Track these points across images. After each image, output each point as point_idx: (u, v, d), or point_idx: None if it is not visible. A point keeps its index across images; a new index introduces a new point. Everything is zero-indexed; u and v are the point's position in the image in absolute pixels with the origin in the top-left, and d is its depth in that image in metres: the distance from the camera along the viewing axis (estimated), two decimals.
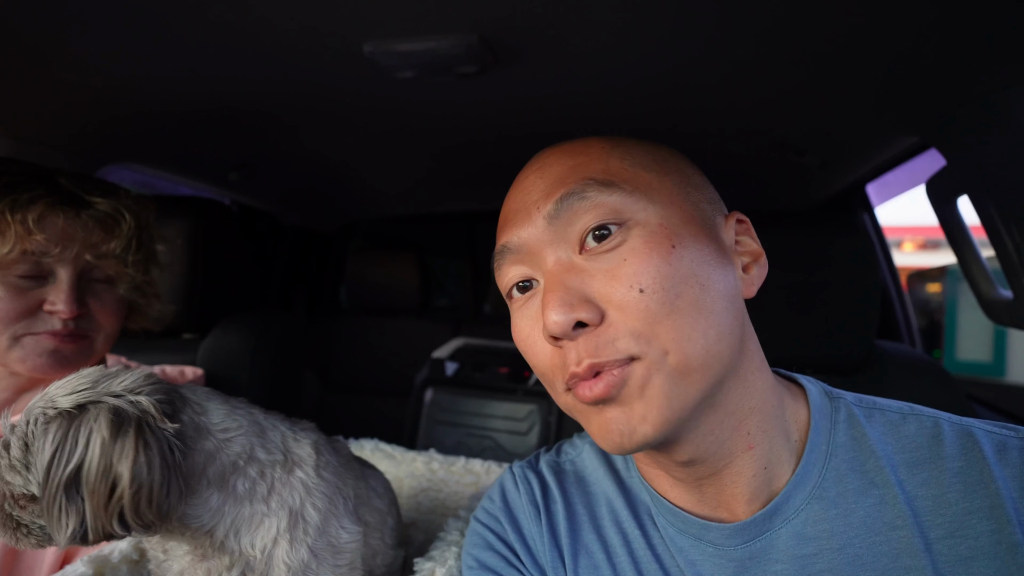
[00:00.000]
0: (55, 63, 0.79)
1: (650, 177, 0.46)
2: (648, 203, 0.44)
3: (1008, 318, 0.92)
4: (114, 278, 0.81)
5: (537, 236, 0.46)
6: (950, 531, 0.43)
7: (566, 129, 1.01)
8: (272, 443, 0.61)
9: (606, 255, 0.43)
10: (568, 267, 0.44)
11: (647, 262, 0.42)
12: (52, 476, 0.48)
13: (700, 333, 0.42)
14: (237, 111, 1.02)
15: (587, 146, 0.49)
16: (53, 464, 0.48)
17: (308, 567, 0.59)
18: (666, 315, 0.41)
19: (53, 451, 0.48)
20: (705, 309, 0.42)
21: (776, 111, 0.99)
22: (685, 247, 0.43)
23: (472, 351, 1.92)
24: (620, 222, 0.43)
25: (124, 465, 0.48)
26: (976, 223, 0.92)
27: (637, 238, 0.43)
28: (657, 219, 0.44)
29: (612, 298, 0.42)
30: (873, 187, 1.43)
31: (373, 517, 0.70)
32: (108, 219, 0.78)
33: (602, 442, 0.44)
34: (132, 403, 0.52)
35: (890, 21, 0.67)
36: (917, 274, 3.81)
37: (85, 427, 0.49)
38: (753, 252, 0.49)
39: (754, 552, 0.46)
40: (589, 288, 0.43)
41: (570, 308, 0.41)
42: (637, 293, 0.41)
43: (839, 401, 0.50)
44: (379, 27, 0.72)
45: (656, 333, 0.41)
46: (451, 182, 1.68)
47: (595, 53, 0.79)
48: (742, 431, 0.46)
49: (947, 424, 0.47)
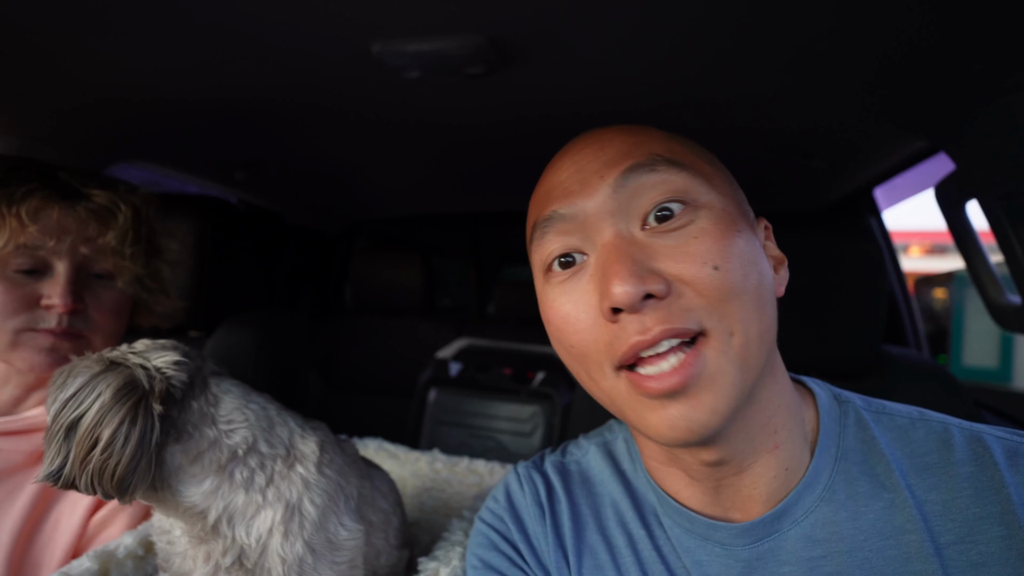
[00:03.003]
0: (65, 63, 0.79)
1: (708, 167, 0.47)
2: (710, 188, 0.45)
3: (1017, 324, 0.92)
4: (113, 273, 0.80)
5: (598, 206, 0.44)
6: (960, 536, 0.43)
7: (572, 130, 1.01)
8: (277, 438, 0.63)
9: (673, 233, 0.43)
10: (631, 241, 0.43)
11: (720, 242, 0.42)
12: (60, 414, 0.52)
13: (758, 318, 0.42)
14: (245, 110, 1.02)
15: (644, 128, 0.49)
16: (67, 404, 0.52)
17: (304, 561, 0.60)
18: (736, 295, 0.41)
19: (72, 392, 0.52)
20: (763, 296, 0.43)
21: (784, 114, 0.99)
22: (745, 235, 0.44)
23: (476, 352, 1.92)
24: (686, 202, 0.43)
25: (107, 431, 0.51)
26: (985, 228, 0.91)
27: (706, 219, 0.43)
28: (720, 204, 0.44)
29: (683, 275, 0.41)
30: (881, 191, 1.42)
31: (377, 517, 0.71)
32: (104, 211, 0.78)
33: (662, 436, 0.43)
34: (148, 377, 0.54)
35: (899, 23, 0.67)
36: (924, 279, 3.79)
37: (102, 383, 0.52)
38: (777, 257, 0.50)
39: (762, 553, 0.46)
40: (655, 263, 0.42)
41: (640, 279, 0.40)
42: (711, 270, 0.41)
43: (847, 404, 0.50)
44: (387, 27, 0.72)
45: (726, 311, 0.41)
46: (456, 183, 1.68)
47: (603, 55, 0.79)
48: (770, 429, 0.46)
49: (957, 430, 0.47)
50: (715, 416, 0.41)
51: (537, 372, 1.74)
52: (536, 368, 1.76)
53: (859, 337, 0.88)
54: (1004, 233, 0.83)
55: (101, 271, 0.79)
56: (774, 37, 0.73)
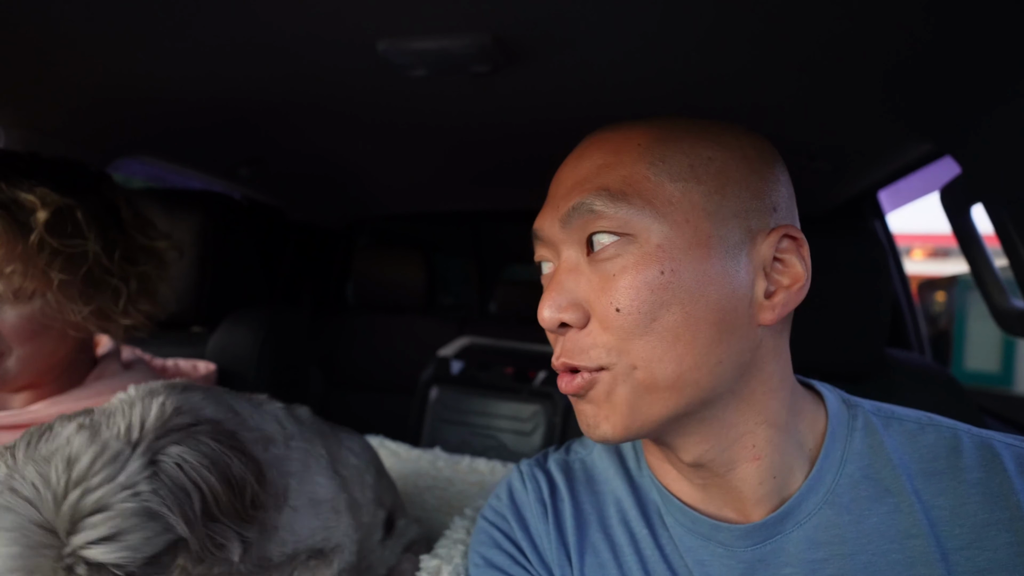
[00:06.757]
0: (69, 58, 0.79)
1: (673, 189, 0.43)
2: (655, 220, 0.42)
3: (1020, 328, 0.92)
4: (17, 294, 0.68)
5: (555, 233, 0.47)
6: (968, 542, 0.43)
7: (578, 130, 1.01)
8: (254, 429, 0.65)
9: (603, 264, 0.44)
10: (574, 267, 0.46)
11: (631, 282, 0.42)
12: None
13: (672, 358, 0.42)
14: (249, 106, 1.02)
15: (626, 141, 0.46)
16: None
17: (292, 520, 0.64)
18: (639, 336, 0.42)
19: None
20: (684, 337, 0.42)
21: (791, 117, 0.99)
22: (678, 273, 0.41)
23: (478, 350, 1.93)
24: (624, 233, 0.43)
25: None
26: (989, 232, 0.91)
27: (630, 255, 0.43)
28: (657, 239, 0.42)
29: (595, 309, 0.44)
30: (885, 194, 1.42)
31: (348, 472, 0.75)
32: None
33: (582, 428, 0.47)
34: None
35: (908, 28, 0.66)
36: (927, 283, 3.78)
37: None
38: (794, 275, 0.44)
39: (764, 554, 0.46)
40: (582, 294, 0.45)
41: (558, 309, 0.44)
42: (614, 311, 0.42)
43: (857, 409, 0.50)
44: (393, 25, 0.72)
45: (627, 349, 0.42)
46: (460, 181, 1.69)
47: (608, 56, 0.79)
48: (746, 443, 0.46)
49: (966, 436, 0.46)
50: (607, 424, 0.44)
51: (539, 371, 1.74)
52: (538, 367, 1.76)
53: (862, 340, 0.87)
54: (1009, 237, 0.83)
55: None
56: (786, 44, 0.72)
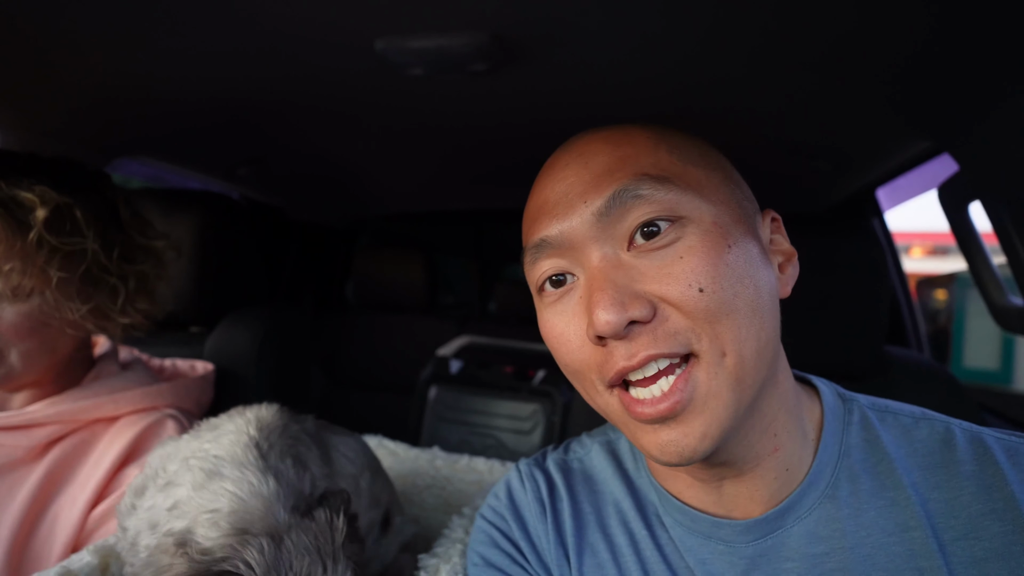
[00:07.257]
0: (69, 58, 0.79)
1: (699, 173, 0.44)
2: (701, 200, 0.43)
3: (1018, 325, 0.92)
4: (16, 291, 0.70)
5: (583, 232, 0.43)
6: (964, 533, 0.43)
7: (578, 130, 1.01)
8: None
9: (659, 252, 0.42)
10: (616, 264, 0.43)
11: (705, 260, 0.41)
12: None
13: (754, 335, 0.41)
14: (247, 106, 1.02)
15: (631, 135, 0.46)
16: None
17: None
18: (725, 315, 0.40)
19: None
20: (759, 310, 0.42)
21: (790, 117, 0.99)
22: (738, 246, 0.42)
23: (477, 349, 1.92)
24: (673, 218, 0.42)
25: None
26: (987, 229, 0.91)
27: (693, 235, 0.42)
28: (711, 217, 0.43)
29: (668, 296, 0.41)
30: (884, 192, 1.42)
31: (345, 482, 0.72)
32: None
33: (653, 457, 0.43)
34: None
35: (904, 23, 0.66)
36: (926, 281, 3.78)
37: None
38: (786, 251, 0.49)
39: (765, 549, 0.46)
40: (640, 285, 0.41)
41: (622, 307, 0.40)
42: (696, 292, 0.40)
43: (852, 403, 0.50)
44: (391, 24, 0.72)
45: (716, 332, 0.40)
46: (459, 180, 1.68)
47: (608, 55, 0.79)
48: (770, 433, 0.46)
49: (958, 429, 0.47)
50: (705, 441, 0.41)
51: (538, 370, 1.74)
52: (537, 366, 1.76)
53: (861, 338, 0.87)
54: (1007, 234, 0.83)
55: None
56: (787, 44, 0.72)
